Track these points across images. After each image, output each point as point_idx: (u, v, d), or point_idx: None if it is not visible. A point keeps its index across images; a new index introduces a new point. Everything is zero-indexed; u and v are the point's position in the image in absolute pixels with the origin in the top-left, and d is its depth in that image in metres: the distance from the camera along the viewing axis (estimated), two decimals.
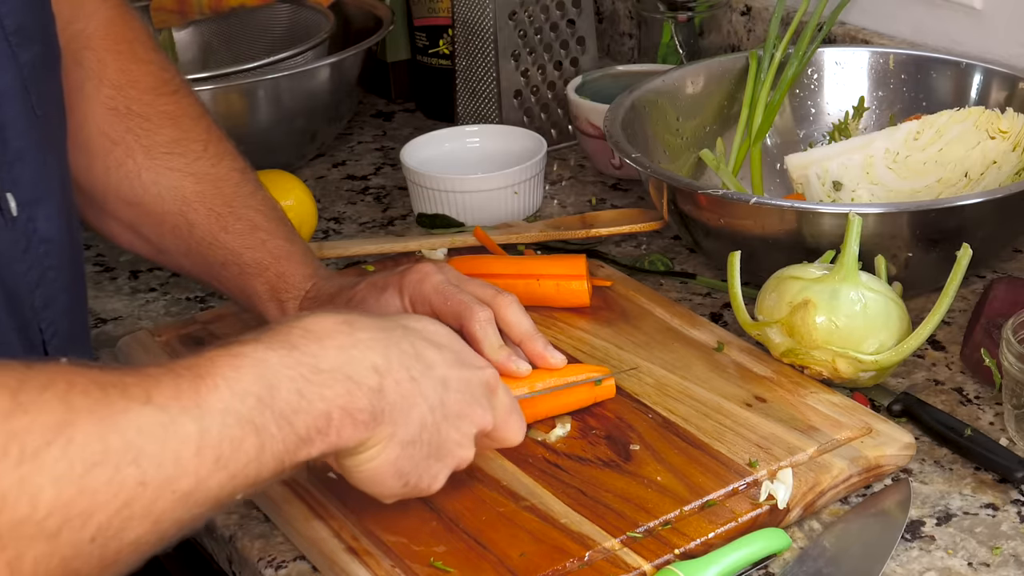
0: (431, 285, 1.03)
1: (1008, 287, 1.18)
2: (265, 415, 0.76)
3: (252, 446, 0.75)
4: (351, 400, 0.81)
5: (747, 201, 1.16)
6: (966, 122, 1.28)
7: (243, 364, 0.77)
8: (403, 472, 0.86)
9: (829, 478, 0.98)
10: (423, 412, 0.85)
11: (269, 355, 0.78)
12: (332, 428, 0.80)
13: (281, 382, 0.78)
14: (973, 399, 1.11)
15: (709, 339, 1.15)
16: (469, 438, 0.89)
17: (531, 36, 1.58)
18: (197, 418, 0.73)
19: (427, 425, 0.86)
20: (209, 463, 0.73)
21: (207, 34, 1.71)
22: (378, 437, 0.83)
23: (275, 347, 0.79)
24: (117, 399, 0.71)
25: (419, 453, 0.86)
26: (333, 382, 0.80)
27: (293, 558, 0.97)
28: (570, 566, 0.90)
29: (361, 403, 0.81)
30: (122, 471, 0.69)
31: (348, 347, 0.82)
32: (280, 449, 0.77)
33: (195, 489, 0.73)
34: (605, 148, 1.47)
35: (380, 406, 0.82)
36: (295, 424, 0.78)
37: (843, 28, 1.55)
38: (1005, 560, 0.93)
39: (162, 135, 1.10)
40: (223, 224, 1.10)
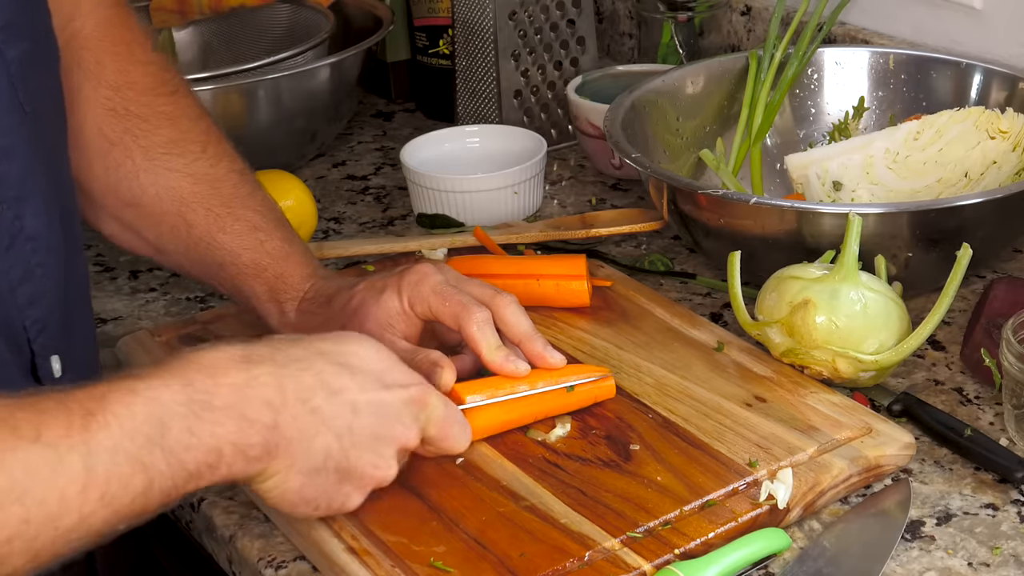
0: (429, 286, 1.03)
1: (1008, 287, 1.18)
2: (155, 453, 0.78)
3: (140, 483, 0.77)
4: (243, 437, 0.82)
5: (747, 201, 1.16)
6: (966, 122, 1.28)
7: (136, 401, 0.78)
8: (310, 498, 0.88)
9: (829, 478, 0.98)
10: (327, 441, 0.87)
11: (162, 392, 0.79)
12: (223, 463, 0.82)
13: (173, 420, 0.79)
14: (973, 399, 1.11)
15: (709, 339, 1.15)
16: (388, 458, 0.91)
17: (531, 36, 1.58)
18: (84, 455, 0.75)
19: (332, 453, 0.87)
20: (93, 500, 0.75)
21: (207, 34, 1.71)
22: (275, 468, 0.85)
23: (170, 384, 0.80)
24: (7, 436, 0.73)
25: (327, 480, 0.88)
26: (225, 420, 0.81)
27: (293, 558, 0.97)
28: (570, 566, 0.90)
29: (253, 439, 0.83)
30: (6, 510, 0.71)
31: (242, 385, 0.83)
32: (168, 485, 0.79)
33: (77, 526, 0.74)
34: (605, 148, 1.47)
35: (274, 441, 0.84)
36: (185, 461, 0.79)
37: (843, 28, 1.55)
38: (1005, 560, 0.93)
39: (160, 136, 1.10)
40: (221, 225, 1.10)
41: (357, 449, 0.88)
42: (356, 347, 0.91)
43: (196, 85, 1.46)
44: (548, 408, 1.05)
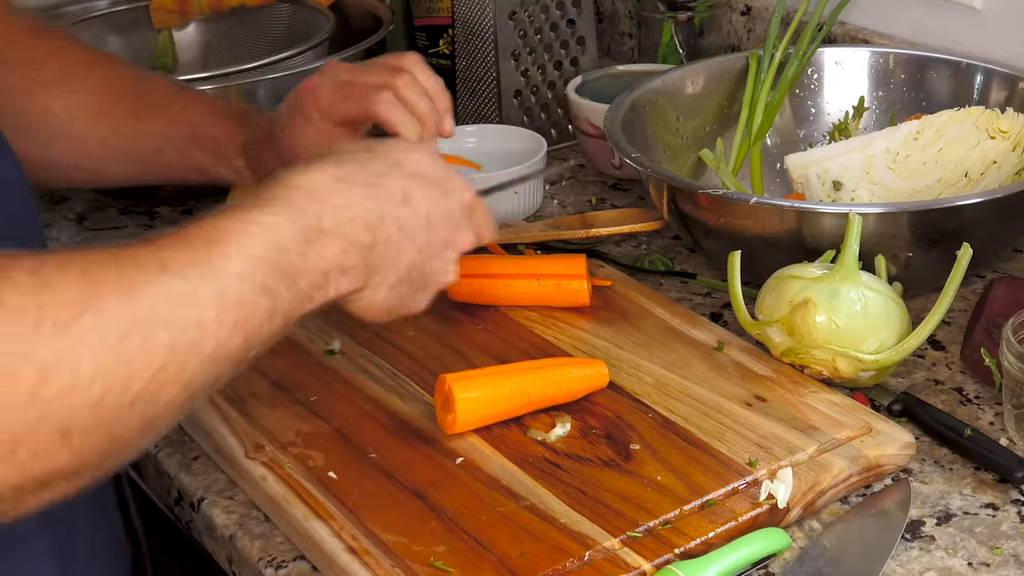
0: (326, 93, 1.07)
1: (1008, 287, 1.18)
2: (276, 278, 0.80)
3: (264, 308, 0.79)
4: (345, 258, 0.85)
5: (747, 201, 1.16)
6: (966, 122, 1.28)
7: (254, 232, 0.80)
8: (390, 307, 0.92)
9: (829, 477, 0.98)
10: (411, 255, 0.91)
11: (277, 220, 0.81)
12: (330, 284, 0.85)
13: (288, 246, 0.81)
14: (973, 399, 1.11)
15: (709, 339, 1.15)
16: (453, 263, 0.96)
17: (531, 36, 1.58)
18: (214, 283, 0.76)
19: (415, 264, 0.92)
20: (229, 325, 0.76)
21: (207, 34, 1.71)
22: (369, 284, 0.88)
23: (281, 212, 0.82)
24: (134, 271, 0.73)
25: (407, 289, 0.92)
26: (332, 240, 0.84)
27: (293, 558, 0.97)
28: (570, 566, 0.90)
29: (354, 261, 0.86)
30: (153, 337, 0.72)
31: (344, 207, 0.86)
32: (287, 308, 0.81)
33: (217, 351, 0.76)
34: (605, 148, 1.47)
35: (371, 260, 0.87)
36: (300, 284, 0.82)
37: (843, 28, 1.55)
38: (1005, 560, 0.93)
39: (52, 68, 1.15)
40: (141, 117, 1.15)
41: (432, 259, 0.93)
42: (418, 155, 0.94)
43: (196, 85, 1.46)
44: (542, 399, 1.05)
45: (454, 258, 0.96)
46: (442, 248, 0.94)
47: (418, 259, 0.92)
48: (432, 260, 0.93)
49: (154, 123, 1.16)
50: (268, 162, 1.12)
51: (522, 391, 1.05)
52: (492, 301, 1.22)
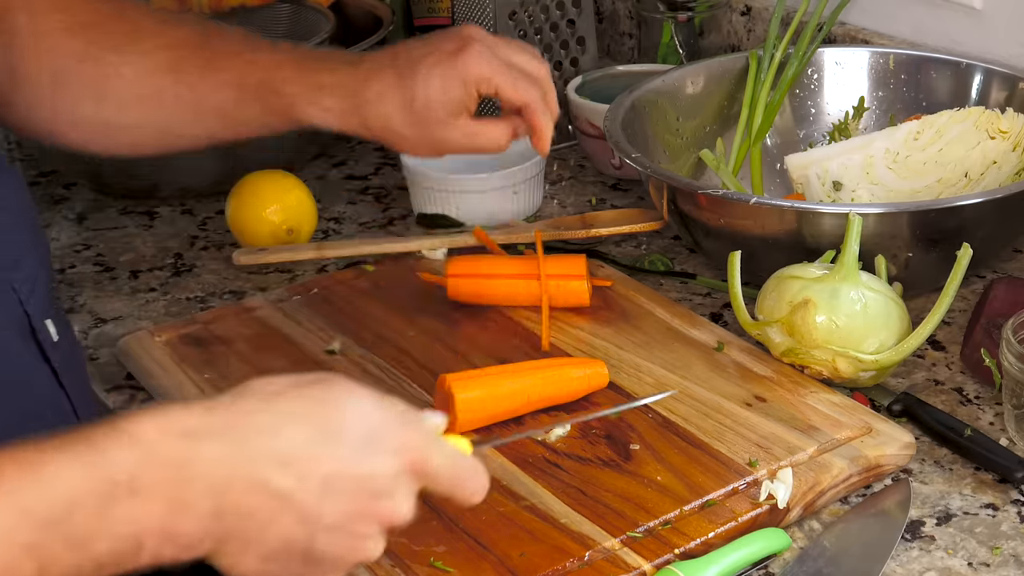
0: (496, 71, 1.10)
1: (1008, 287, 1.18)
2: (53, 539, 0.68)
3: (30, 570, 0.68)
4: (172, 524, 0.71)
5: (747, 201, 1.16)
6: (966, 122, 1.28)
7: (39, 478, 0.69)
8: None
9: (829, 478, 0.98)
10: (287, 527, 0.74)
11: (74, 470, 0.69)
12: (145, 552, 0.71)
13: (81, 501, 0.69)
14: (973, 399, 1.11)
15: (709, 339, 1.15)
16: (370, 538, 0.77)
17: (531, 36, 1.58)
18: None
19: (296, 540, 0.74)
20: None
21: None
22: (223, 552, 0.74)
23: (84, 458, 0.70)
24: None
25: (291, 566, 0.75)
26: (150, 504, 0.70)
27: None
28: (570, 566, 0.90)
29: (187, 527, 0.71)
30: None
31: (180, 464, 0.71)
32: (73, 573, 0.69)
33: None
34: (605, 148, 1.47)
35: (217, 529, 0.72)
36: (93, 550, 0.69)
37: (843, 28, 1.55)
38: (1005, 560, 0.93)
39: (118, 32, 1.13)
40: (212, 67, 1.13)
41: (329, 534, 0.75)
42: (345, 401, 0.77)
43: None
44: (541, 399, 1.05)
45: (374, 532, 0.76)
46: (348, 521, 0.75)
47: (300, 533, 0.74)
48: (330, 536, 0.75)
49: (227, 72, 1.13)
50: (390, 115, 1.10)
51: (522, 391, 1.05)
52: (492, 301, 1.22)
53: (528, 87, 1.11)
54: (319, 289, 1.27)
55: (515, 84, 1.10)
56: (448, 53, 1.10)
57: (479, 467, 0.81)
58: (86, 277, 1.38)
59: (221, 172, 1.48)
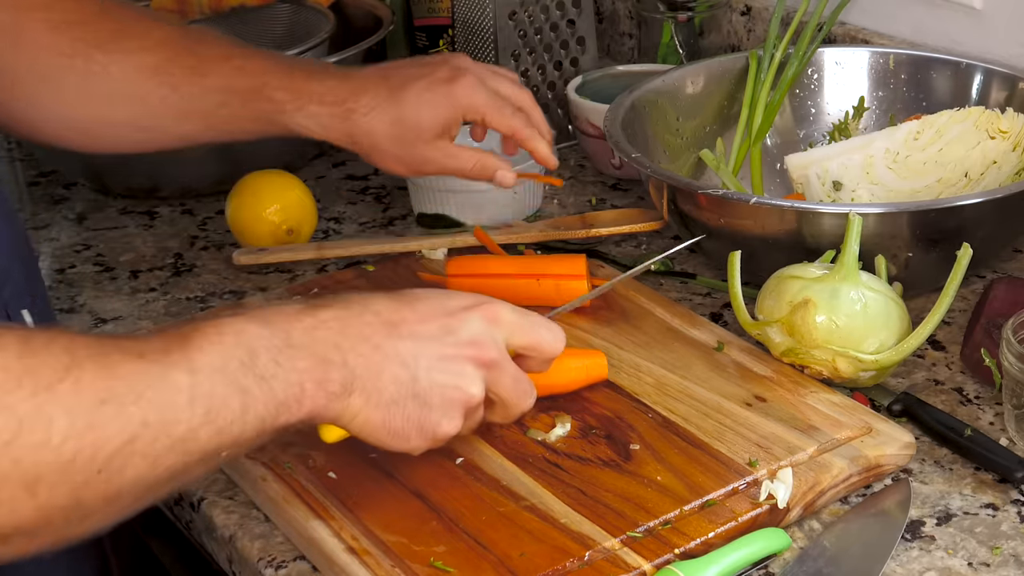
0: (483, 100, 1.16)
1: (1008, 287, 1.18)
2: (248, 377, 0.81)
3: (237, 405, 0.80)
4: (321, 372, 0.85)
5: (747, 201, 1.16)
6: (966, 122, 1.28)
7: (225, 332, 0.81)
8: (398, 430, 0.89)
9: (829, 477, 0.98)
10: (394, 372, 0.88)
11: (248, 326, 0.83)
12: (307, 398, 0.84)
13: (260, 350, 0.82)
14: (973, 399, 1.11)
15: (709, 339, 1.15)
16: (465, 376, 0.91)
17: (531, 36, 1.58)
18: (187, 371, 0.78)
19: (403, 382, 0.88)
20: (200, 414, 0.78)
21: None
22: (353, 408, 0.87)
23: (252, 320, 0.83)
24: (114, 352, 0.76)
25: (408, 409, 0.89)
26: (303, 356, 0.84)
27: (293, 558, 0.97)
28: (570, 566, 0.90)
29: (331, 375, 0.85)
30: (127, 409, 0.74)
31: (311, 328, 0.86)
32: (262, 411, 0.81)
33: (188, 437, 0.77)
34: (605, 148, 1.47)
35: (348, 377, 0.86)
36: (274, 389, 0.82)
37: (843, 28, 1.55)
38: (1005, 560, 0.93)
39: (105, 30, 1.14)
40: (200, 71, 1.14)
41: (428, 373, 0.89)
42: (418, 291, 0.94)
43: None
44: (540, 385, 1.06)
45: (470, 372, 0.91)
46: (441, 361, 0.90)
47: (405, 375, 0.89)
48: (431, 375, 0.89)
49: (215, 77, 1.15)
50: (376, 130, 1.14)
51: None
52: None
53: (514, 115, 1.18)
54: (319, 289, 1.27)
55: (502, 112, 1.17)
56: (441, 80, 1.15)
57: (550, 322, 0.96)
58: (86, 277, 1.38)
59: (221, 172, 1.48)
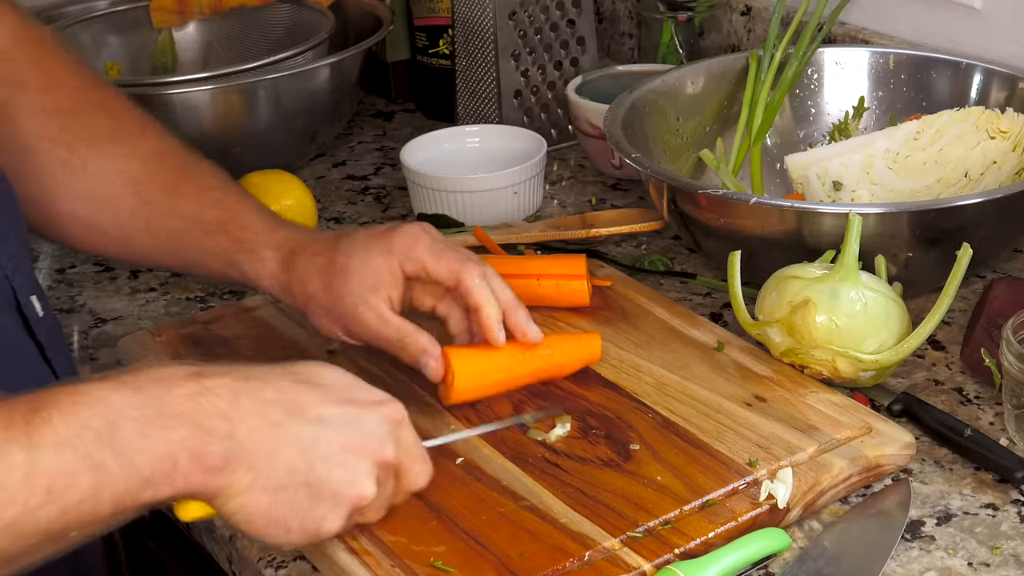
0: (424, 246, 1.05)
1: (1008, 287, 1.18)
2: (104, 452, 0.75)
3: (88, 482, 0.74)
4: (198, 444, 0.79)
5: (747, 201, 1.16)
6: (966, 122, 1.28)
7: (83, 400, 0.76)
8: (280, 519, 0.84)
9: (829, 478, 0.98)
10: (290, 455, 0.83)
11: (111, 394, 0.77)
12: (179, 473, 0.79)
13: (122, 421, 0.76)
14: (973, 399, 1.11)
15: (709, 339, 1.15)
16: (362, 473, 0.86)
17: (531, 36, 1.58)
18: (26, 448, 0.73)
19: (298, 468, 0.83)
20: (40, 493, 0.73)
21: (207, 34, 1.71)
22: (237, 485, 0.81)
23: (119, 388, 0.78)
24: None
25: (296, 498, 0.84)
26: (178, 426, 0.79)
27: (293, 558, 0.97)
28: (570, 566, 0.90)
29: (210, 448, 0.80)
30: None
31: (195, 394, 0.80)
32: (121, 489, 0.76)
33: (22, 519, 0.72)
34: (605, 148, 1.47)
35: (233, 451, 0.81)
36: (138, 464, 0.77)
37: (843, 28, 1.55)
38: (1005, 560, 0.93)
39: (98, 125, 1.12)
40: (177, 193, 1.11)
41: (326, 463, 0.84)
42: (319, 368, 0.90)
43: (196, 85, 1.46)
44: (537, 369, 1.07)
45: (366, 469, 0.86)
46: (341, 453, 0.85)
47: (301, 461, 0.83)
48: (327, 466, 0.84)
49: (189, 202, 1.11)
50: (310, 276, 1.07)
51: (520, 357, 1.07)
52: None
53: (455, 261, 1.04)
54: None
55: (440, 257, 1.04)
56: (383, 229, 1.08)
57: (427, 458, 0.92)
58: (86, 277, 1.38)
59: None
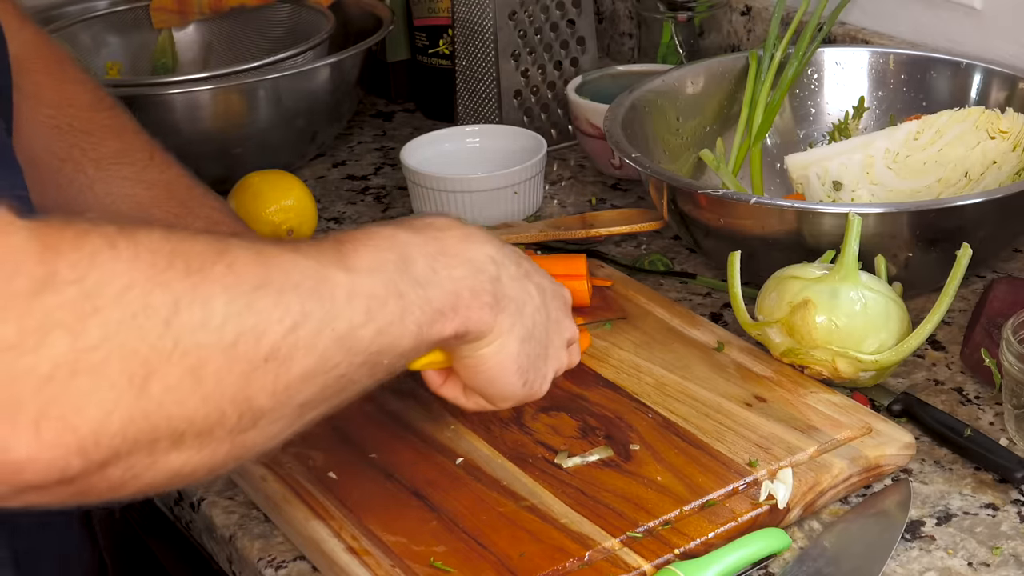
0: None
1: (1008, 287, 1.18)
2: (404, 281, 0.79)
3: (395, 307, 0.77)
4: (476, 282, 0.84)
5: (747, 201, 1.16)
6: (966, 122, 1.28)
7: (375, 237, 0.80)
8: (523, 369, 0.89)
9: (829, 478, 0.98)
10: (534, 309, 0.89)
11: (398, 232, 0.81)
12: (462, 306, 0.83)
13: (414, 256, 0.80)
14: (973, 399, 1.11)
15: (709, 339, 1.15)
16: (565, 344, 0.94)
17: (531, 36, 1.58)
18: (344, 270, 0.75)
19: (538, 323, 0.90)
20: (360, 312, 0.75)
21: (207, 34, 1.71)
22: (500, 328, 0.86)
23: (402, 228, 0.82)
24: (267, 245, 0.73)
25: (534, 350, 0.90)
26: (459, 264, 0.83)
27: (293, 558, 0.97)
28: (570, 566, 0.90)
29: (485, 286, 0.84)
30: (285, 295, 0.70)
31: (465, 239, 0.85)
32: (418, 316, 0.79)
33: (350, 334, 0.74)
34: (605, 148, 1.47)
35: (500, 293, 0.86)
36: (430, 295, 0.80)
37: (843, 28, 1.55)
38: (1005, 560, 0.93)
39: (107, 147, 1.11)
40: (182, 225, 1.11)
41: (552, 325, 0.92)
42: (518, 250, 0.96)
43: (196, 85, 1.46)
44: None
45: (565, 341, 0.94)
46: (556, 322, 0.93)
47: (540, 318, 0.90)
48: (551, 328, 0.92)
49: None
50: None
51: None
52: None
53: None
54: None
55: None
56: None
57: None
58: None
59: (221, 172, 1.48)
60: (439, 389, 0.93)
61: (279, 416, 0.71)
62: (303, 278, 0.72)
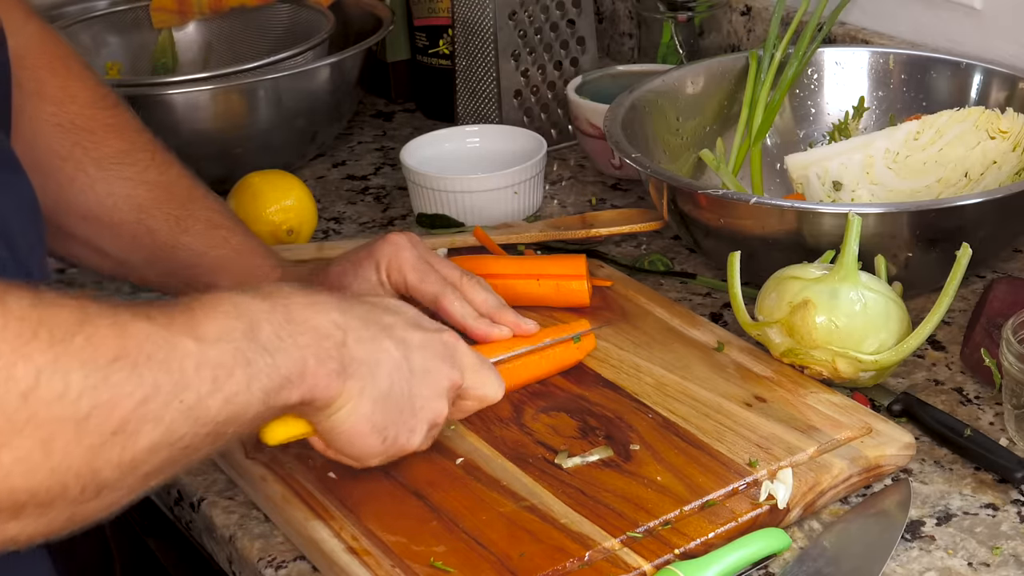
0: (407, 261, 1.08)
1: (1008, 287, 1.18)
2: (252, 348, 0.80)
3: (241, 376, 0.79)
4: (320, 349, 0.85)
5: (747, 201, 1.16)
6: (966, 122, 1.28)
7: (224, 303, 0.81)
8: (380, 427, 0.90)
9: (829, 478, 0.98)
10: (389, 368, 0.89)
11: (244, 299, 0.82)
12: (308, 374, 0.84)
13: (261, 324, 0.82)
14: (973, 399, 1.11)
15: (709, 339, 1.15)
16: (441, 394, 0.94)
17: (531, 36, 1.58)
18: (193, 339, 0.77)
19: (395, 381, 0.90)
20: (208, 382, 0.77)
21: (207, 34, 1.71)
22: (349, 393, 0.87)
23: (249, 295, 0.83)
24: (123, 311, 0.75)
25: (392, 408, 0.90)
26: (304, 331, 0.84)
27: (293, 558, 0.97)
28: (570, 566, 0.90)
29: (331, 352, 0.85)
30: (139, 368, 0.72)
31: (310, 306, 0.86)
32: (265, 384, 0.80)
33: (197, 404, 0.76)
34: (605, 148, 1.47)
35: (347, 358, 0.86)
36: (277, 362, 0.81)
37: (843, 28, 1.55)
38: (1005, 560, 0.93)
39: (109, 147, 1.11)
40: (183, 227, 1.12)
41: (416, 379, 0.91)
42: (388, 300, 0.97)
43: (196, 85, 1.46)
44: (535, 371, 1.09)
45: (443, 390, 0.94)
46: (425, 374, 0.93)
47: (398, 375, 0.90)
48: (418, 382, 0.92)
49: (194, 238, 1.12)
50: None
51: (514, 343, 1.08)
52: None
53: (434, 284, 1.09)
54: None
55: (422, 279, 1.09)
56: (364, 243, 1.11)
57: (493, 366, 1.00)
58: (87, 277, 1.38)
59: (221, 172, 1.48)
60: (325, 452, 0.94)
61: (122, 486, 0.74)
62: (155, 348, 0.74)
